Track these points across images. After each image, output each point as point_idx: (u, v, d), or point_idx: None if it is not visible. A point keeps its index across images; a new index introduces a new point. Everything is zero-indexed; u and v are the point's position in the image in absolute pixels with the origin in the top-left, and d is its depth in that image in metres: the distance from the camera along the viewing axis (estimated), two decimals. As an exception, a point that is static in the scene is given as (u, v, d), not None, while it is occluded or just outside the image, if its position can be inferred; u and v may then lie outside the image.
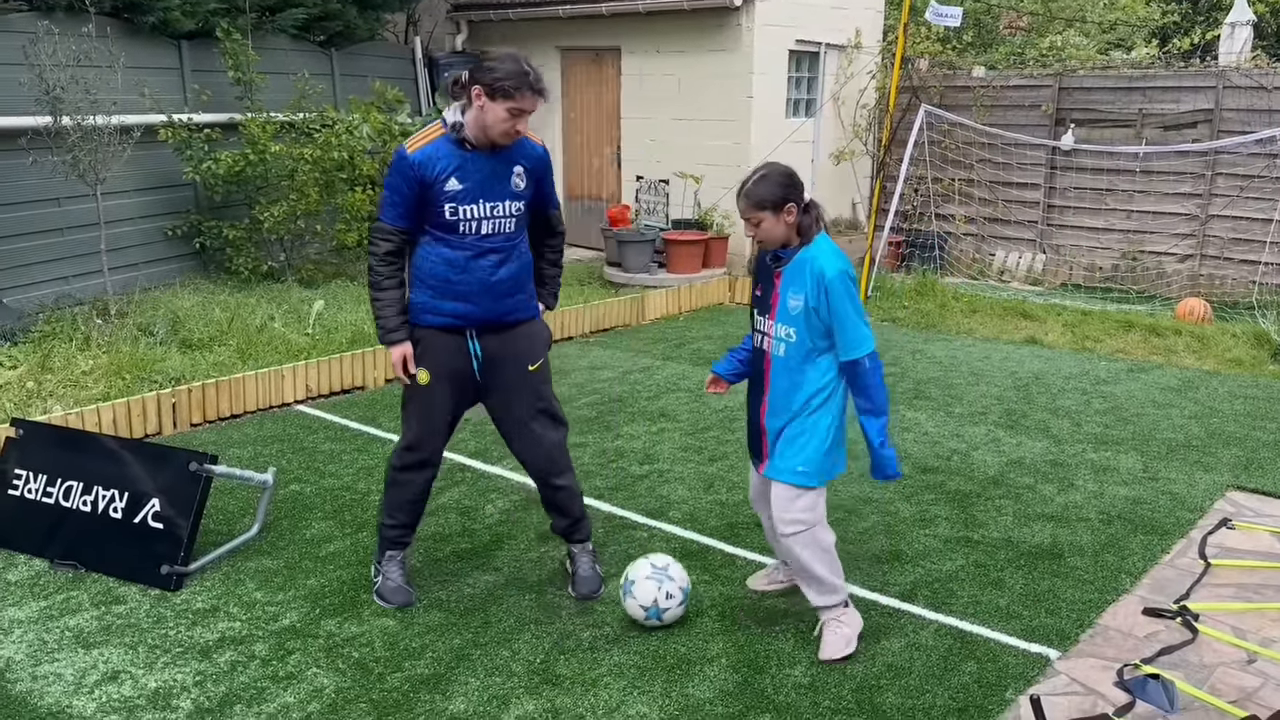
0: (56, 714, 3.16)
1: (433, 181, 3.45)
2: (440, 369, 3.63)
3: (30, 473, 4.30)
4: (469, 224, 3.51)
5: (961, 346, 7.82)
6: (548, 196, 3.76)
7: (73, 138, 7.04)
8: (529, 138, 3.60)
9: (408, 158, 3.45)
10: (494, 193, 3.52)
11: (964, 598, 3.89)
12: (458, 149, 3.46)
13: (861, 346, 3.29)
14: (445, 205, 3.47)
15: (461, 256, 3.53)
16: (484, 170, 3.49)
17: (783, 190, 3.28)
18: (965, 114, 10.54)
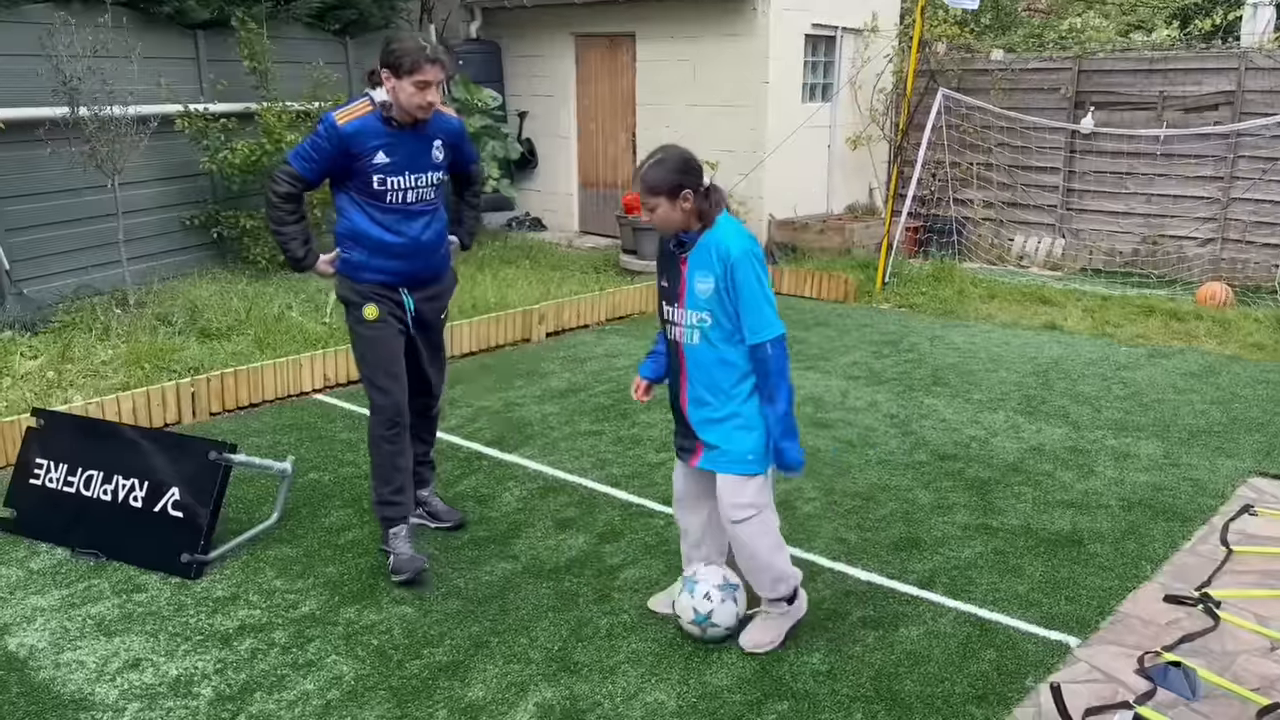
0: (79, 701, 3.18)
1: (360, 154, 3.75)
2: (385, 311, 3.91)
3: (51, 462, 4.34)
4: (396, 193, 3.84)
5: (980, 332, 7.77)
6: (467, 156, 4.17)
7: (90, 128, 7.08)
8: (445, 113, 3.98)
9: (339, 128, 3.74)
10: (418, 165, 3.86)
11: (983, 585, 3.87)
12: (385, 126, 3.77)
13: (766, 330, 3.14)
14: (374, 176, 3.78)
15: (392, 219, 3.86)
16: (409, 145, 3.82)
17: (677, 176, 3.15)
18: (984, 97, 10.44)
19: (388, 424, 3.94)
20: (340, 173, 3.81)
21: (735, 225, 3.23)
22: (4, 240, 7.16)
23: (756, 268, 3.14)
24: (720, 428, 3.27)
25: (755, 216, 10.27)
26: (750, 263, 3.13)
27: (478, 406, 6.01)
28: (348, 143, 3.73)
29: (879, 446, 5.34)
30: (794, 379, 6.58)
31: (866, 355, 7.11)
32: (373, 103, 3.77)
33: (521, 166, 11.87)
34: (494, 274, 9.10)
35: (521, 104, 11.96)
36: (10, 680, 3.29)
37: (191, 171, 8.59)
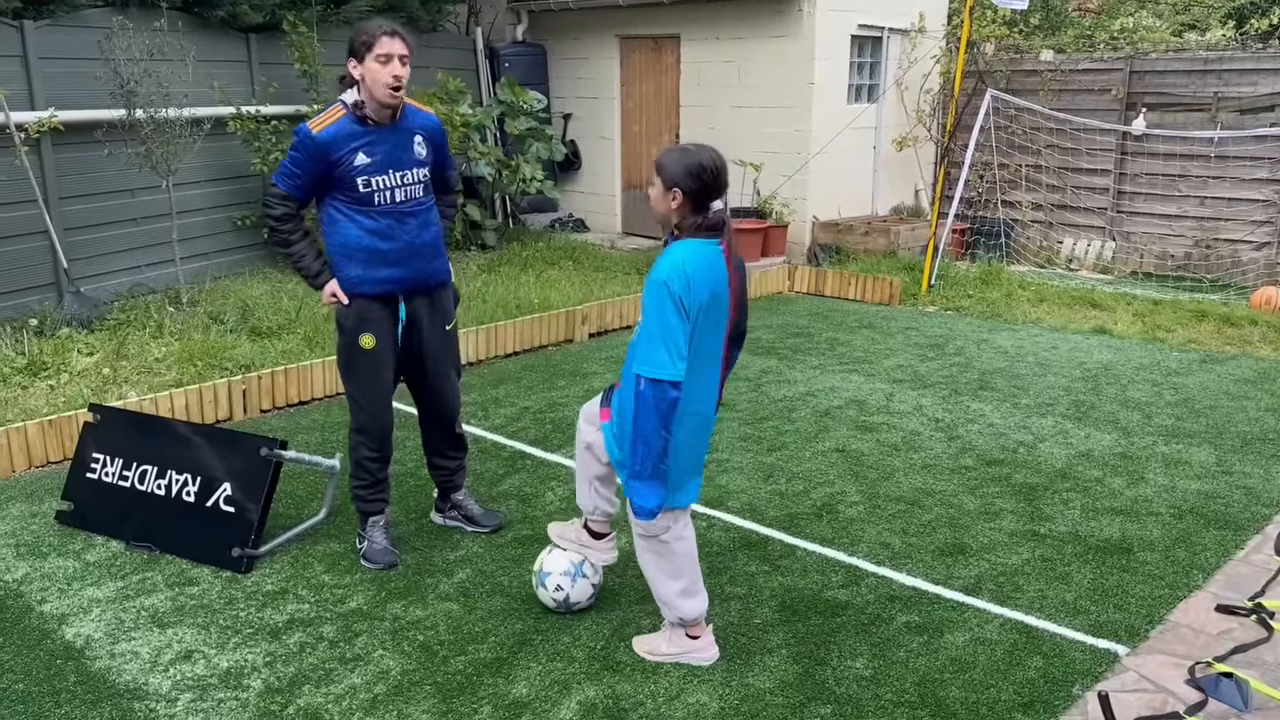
0: (134, 691, 3.26)
1: (340, 159, 3.73)
2: (382, 335, 3.92)
3: (107, 456, 4.44)
4: (383, 194, 3.80)
5: (1028, 336, 7.68)
6: (446, 159, 4.11)
7: (146, 130, 7.23)
8: (422, 109, 3.96)
9: (314, 137, 3.72)
10: (401, 161, 3.83)
11: (1030, 592, 3.83)
12: (360, 126, 3.75)
13: (645, 366, 2.96)
14: (358, 179, 3.75)
15: (384, 224, 3.82)
16: (388, 142, 3.79)
17: (680, 172, 3.01)
18: (1033, 98, 10.31)
19: (372, 448, 4.04)
20: (324, 182, 3.78)
21: (684, 253, 3.00)
22: (62, 239, 7.33)
23: (665, 301, 2.93)
24: (625, 448, 3.17)
25: (799, 218, 10.23)
26: (660, 292, 2.94)
27: (521, 406, 6.06)
28: (325, 150, 3.71)
29: (924, 451, 5.30)
30: (838, 381, 6.56)
31: (911, 358, 7.05)
32: (344, 106, 3.75)
33: (565, 168, 11.92)
34: (537, 275, 9.15)
35: (566, 106, 12.02)
36: (67, 669, 3.38)
37: (243, 173, 8.74)
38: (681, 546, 3.31)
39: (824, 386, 6.40)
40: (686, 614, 3.34)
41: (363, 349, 3.90)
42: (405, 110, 3.86)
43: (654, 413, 2.97)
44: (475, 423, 5.67)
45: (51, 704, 3.19)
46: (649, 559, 3.33)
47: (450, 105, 9.43)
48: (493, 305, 7.81)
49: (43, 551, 4.21)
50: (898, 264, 9.64)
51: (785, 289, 9.45)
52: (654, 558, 3.31)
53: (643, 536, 3.30)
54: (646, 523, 3.20)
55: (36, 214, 7.16)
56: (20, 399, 5.67)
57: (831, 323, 8.15)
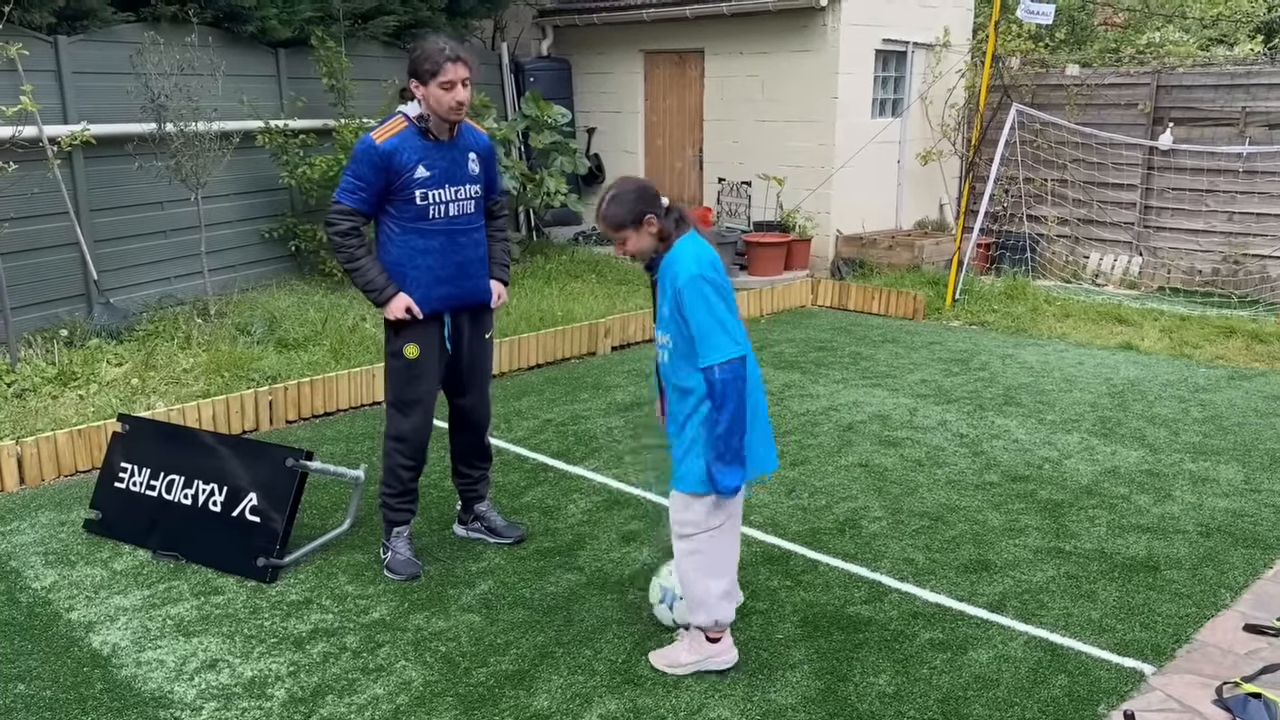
0: (159, 699, 3.29)
1: (402, 169, 3.78)
2: (427, 346, 3.98)
3: (135, 466, 4.49)
4: (438, 208, 3.87)
5: (1054, 351, 7.63)
6: (494, 182, 4.16)
7: (176, 143, 7.32)
8: (476, 128, 4.03)
9: (377, 147, 3.77)
10: (457, 177, 3.91)
11: (1055, 610, 3.80)
12: (422, 139, 3.82)
13: (714, 353, 3.08)
14: (416, 191, 3.81)
15: (437, 242, 3.90)
16: (446, 158, 3.87)
17: (636, 204, 3.20)
18: (1058, 113, 10.27)
19: (409, 456, 4.07)
20: (383, 195, 3.82)
21: (688, 249, 3.19)
22: (93, 251, 7.43)
23: (705, 291, 3.10)
24: (678, 446, 3.27)
25: (823, 232, 10.22)
26: (697, 288, 3.10)
27: (544, 419, 6.07)
28: (388, 159, 3.76)
29: (948, 466, 5.28)
30: (861, 396, 6.55)
31: (936, 373, 7.02)
32: (407, 119, 3.81)
33: (589, 181, 11.97)
34: (560, 288, 9.19)
35: (590, 120, 12.08)
36: (94, 676, 3.41)
37: (271, 186, 8.83)
38: (729, 537, 3.31)
39: (847, 401, 6.39)
40: (724, 616, 3.34)
41: (407, 359, 3.95)
42: (462, 127, 3.92)
43: (735, 394, 3.09)
44: (498, 435, 5.69)
45: (78, 711, 3.22)
46: (694, 562, 3.30)
47: (476, 119, 9.49)
48: (516, 318, 7.84)
49: (71, 560, 4.26)
50: (922, 278, 9.61)
51: (808, 303, 9.43)
52: (700, 559, 3.28)
53: (691, 536, 3.27)
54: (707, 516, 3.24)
55: (68, 226, 7.26)
56: (50, 409, 5.74)
57: (855, 337, 8.13)
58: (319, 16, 8.93)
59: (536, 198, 10.25)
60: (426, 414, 4.06)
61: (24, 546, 4.38)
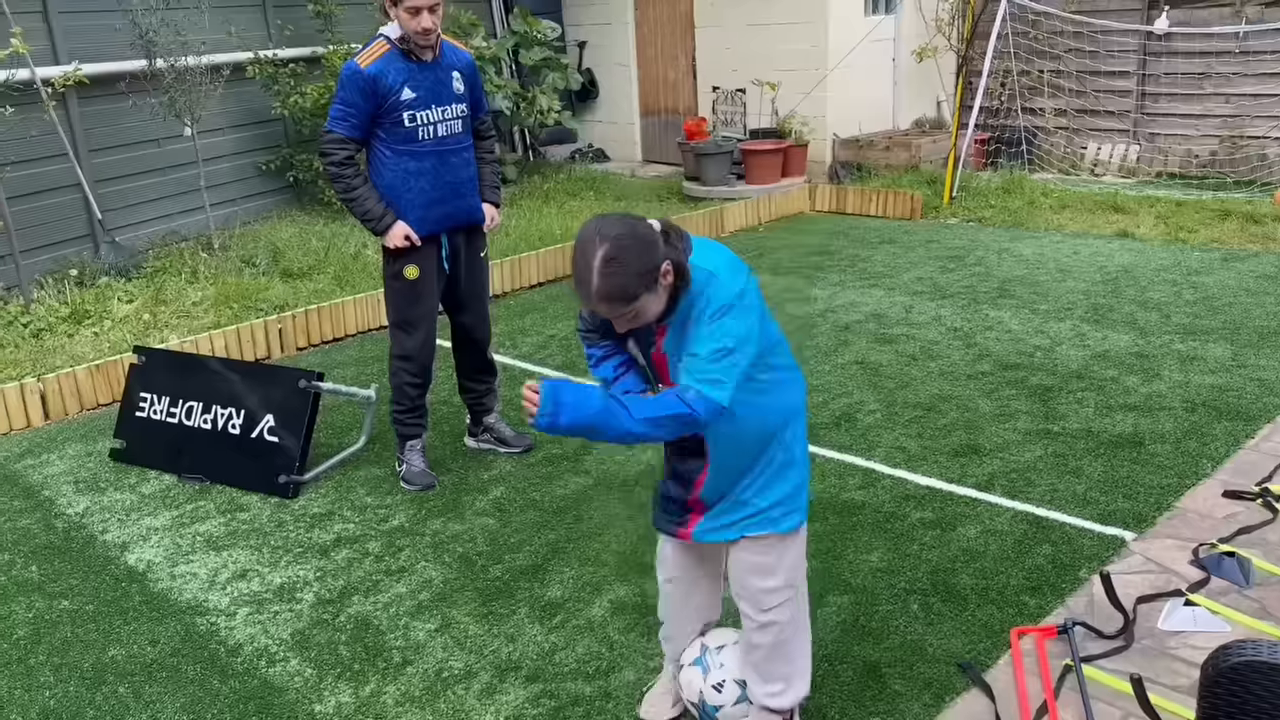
0: (195, 607, 3.50)
1: (388, 92, 3.83)
2: (426, 266, 4.09)
3: (155, 395, 4.66)
4: (427, 129, 3.92)
5: (1049, 244, 7.70)
6: (480, 101, 4.19)
7: (168, 79, 7.35)
8: (458, 46, 4.08)
9: (362, 72, 3.80)
10: (443, 97, 3.95)
11: (1041, 486, 3.97)
12: (405, 61, 3.86)
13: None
14: (404, 113, 3.86)
15: (429, 164, 3.96)
16: (431, 78, 3.91)
17: (643, 259, 2.19)
18: (1051, 2, 10.13)
19: (415, 374, 4.21)
20: (373, 120, 3.87)
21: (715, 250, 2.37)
22: (94, 191, 7.52)
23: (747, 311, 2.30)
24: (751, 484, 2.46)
25: (819, 136, 10.19)
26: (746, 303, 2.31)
27: (547, 335, 6.21)
28: (374, 84, 3.80)
29: (941, 359, 5.41)
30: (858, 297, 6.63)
31: (932, 270, 7.11)
32: (388, 41, 3.85)
33: (582, 98, 11.91)
34: (559, 206, 9.24)
35: (580, 34, 11.96)
36: (132, 590, 3.62)
37: (265, 117, 8.86)
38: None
39: (844, 302, 6.50)
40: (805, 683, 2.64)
41: (407, 279, 4.07)
42: (443, 46, 3.97)
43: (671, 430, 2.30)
44: (504, 352, 5.84)
45: (120, 621, 3.44)
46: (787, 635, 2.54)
47: (464, 39, 9.44)
48: (515, 238, 7.92)
49: (100, 487, 4.46)
50: (920, 178, 9.62)
51: (806, 209, 9.47)
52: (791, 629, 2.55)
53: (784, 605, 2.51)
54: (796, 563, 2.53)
55: (68, 168, 7.34)
56: (67, 346, 5.91)
57: (852, 240, 8.19)
58: (300, -58, 8.84)
59: (530, 117, 10.23)
60: (429, 332, 4.19)
61: (55, 477, 4.58)
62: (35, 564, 3.83)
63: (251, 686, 3.06)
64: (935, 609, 3.22)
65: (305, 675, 3.10)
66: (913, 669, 2.95)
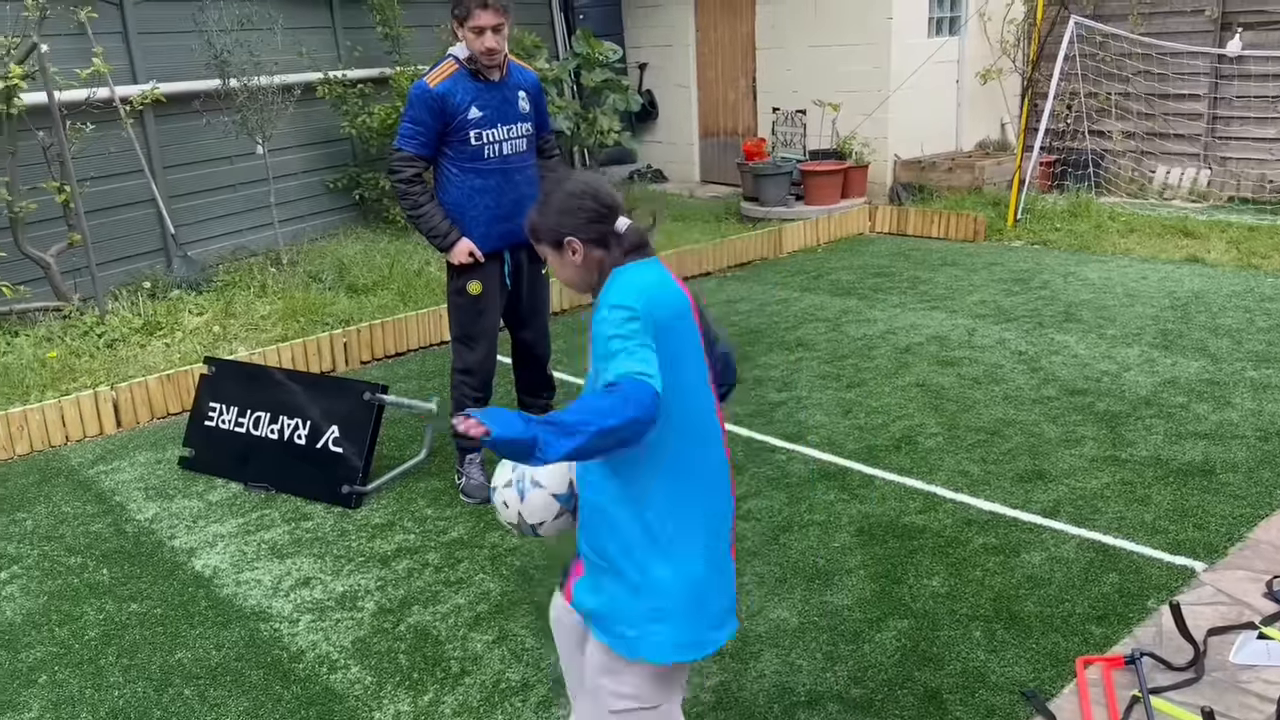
0: (259, 613, 3.57)
1: (455, 111, 3.91)
2: (489, 282, 4.16)
3: (223, 405, 4.77)
4: (493, 147, 4.00)
5: (1117, 268, 7.55)
6: (544, 119, 4.27)
7: (240, 98, 7.55)
8: (524, 66, 4.16)
9: (431, 91, 3.89)
10: (509, 116, 4.02)
11: (1108, 514, 3.88)
12: (473, 80, 3.94)
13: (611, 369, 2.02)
14: (471, 131, 3.94)
15: (494, 181, 4.04)
16: (498, 97, 3.99)
17: (559, 218, 2.18)
18: (1120, 24, 9.98)
19: (476, 388, 4.25)
20: (440, 138, 3.95)
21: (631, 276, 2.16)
22: (168, 206, 7.74)
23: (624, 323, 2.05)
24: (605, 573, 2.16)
25: (880, 157, 10.13)
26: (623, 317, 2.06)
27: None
28: (442, 102, 3.89)
29: (1005, 383, 5.33)
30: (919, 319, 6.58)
31: (996, 293, 7.02)
32: (456, 60, 3.94)
33: (642, 119, 11.99)
34: (619, 224, 9.28)
35: (641, 55, 12.06)
36: (199, 595, 3.70)
37: (333, 136, 9.05)
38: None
39: (905, 324, 6.44)
40: None
41: (470, 294, 4.13)
42: (510, 66, 4.04)
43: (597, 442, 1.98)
44: (562, 369, 5.87)
45: (186, 625, 3.52)
46: None
47: (528, 59, 9.57)
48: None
49: (169, 493, 4.57)
50: (983, 200, 9.51)
51: (866, 230, 9.41)
52: None
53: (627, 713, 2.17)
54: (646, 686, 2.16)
55: (144, 183, 7.57)
56: (139, 356, 6.08)
57: (913, 261, 8.12)
58: (371, -35, 9.04)
59: (590, 137, 10.32)
60: (490, 347, 4.24)
61: (126, 483, 4.70)
62: (106, 567, 3.93)
63: (313, 692, 3.11)
64: (998, 636, 3.17)
65: (365, 683, 3.13)
66: (974, 696, 2.90)
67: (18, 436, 5.06)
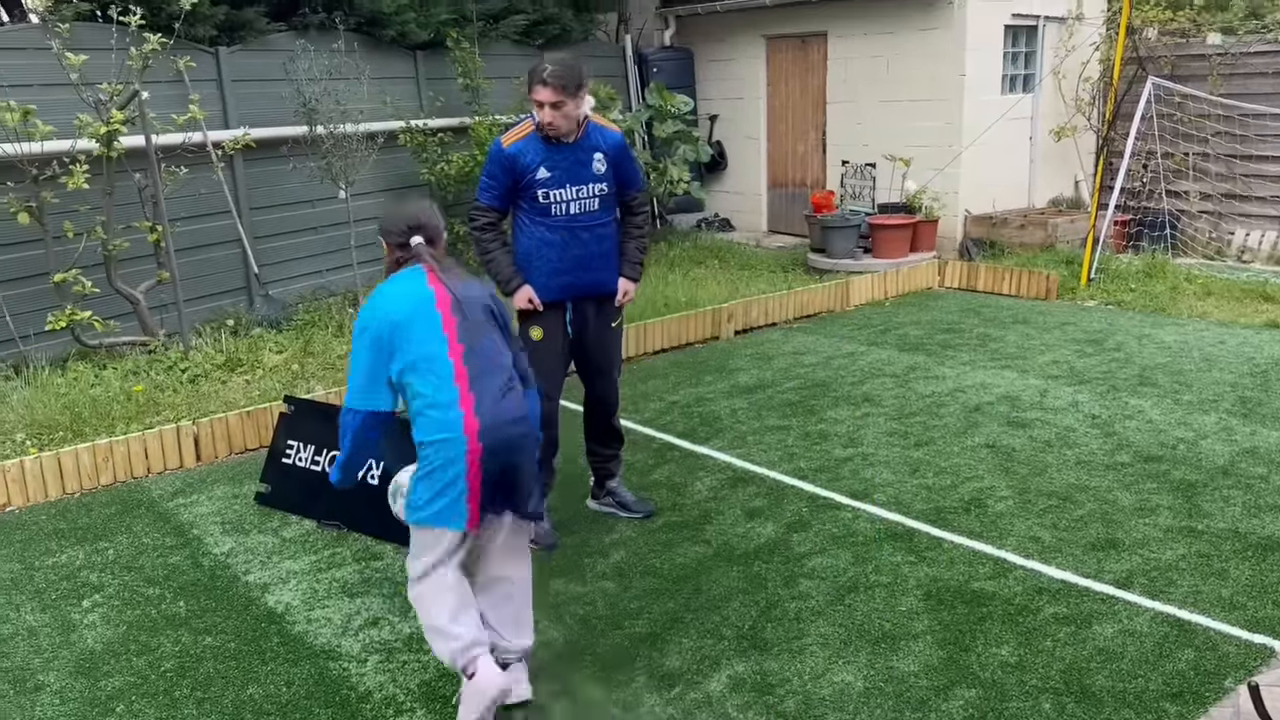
0: (328, 652, 3.64)
1: (525, 171, 4.10)
2: (550, 330, 4.29)
3: (300, 444, 4.90)
4: (560, 205, 4.14)
5: (1193, 331, 7.41)
6: (628, 179, 4.32)
7: (326, 144, 7.82)
8: (607, 127, 4.23)
9: (504, 151, 4.11)
10: (579, 177, 4.14)
11: (1184, 587, 3.79)
12: (544, 143, 4.09)
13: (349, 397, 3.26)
14: (539, 190, 4.11)
15: (559, 236, 4.17)
16: (569, 159, 4.11)
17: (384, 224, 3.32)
18: (1199, 85, 9.86)
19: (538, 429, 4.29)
20: (513, 192, 4.17)
21: (385, 288, 3.22)
22: (253, 246, 8.01)
23: (355, 340, 3.20)
24: None
25: (950, 212, 10.10)
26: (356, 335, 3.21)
27: (669, 400, 6.29)
28: (513, 162, 4.10)
29: (1078, 447, 5.25)
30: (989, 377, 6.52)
31: (1068, 354, 6.93)
32: (533, 121, 4.11)
33: (711, 169, 12.12)
34: (684, 273, 9.38)
35: (713, 107, 12.22)
36: (270, 631, 3.79)
37: (412, 183, 9.31)
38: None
39: (974, 382, 6.38)
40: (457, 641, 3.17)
41: (532, 339, 4.27)
42: (588, 129, 4.16)
43: (349, 439, 3.37)
44: (626, 416, 5.92)
45: (258, 660, 3.60)
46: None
47: (602, 111, 9.75)
48: (642, 304, 8.06)
49: (245, 529, 4.69)
50: (1056, 257, 9.41)
51: (935, 284, 9.37)
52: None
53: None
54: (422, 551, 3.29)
55: (231, 224, 7.85)
56: (220, 392, 6.27)
57: (983, 318, 8.06)
58: (454, 19, 9.35)
59: (660, 186, 10.47)
60: (552, 393, 4.32)
61: (203, 516, 4.84)
62: (183, 599, 4.05)
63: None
64: (1069, 710, 3.11)
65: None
66: (1043, 771, 2.84)
67: (103, 467, 5.25)
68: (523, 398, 3.22)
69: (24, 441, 5.53)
